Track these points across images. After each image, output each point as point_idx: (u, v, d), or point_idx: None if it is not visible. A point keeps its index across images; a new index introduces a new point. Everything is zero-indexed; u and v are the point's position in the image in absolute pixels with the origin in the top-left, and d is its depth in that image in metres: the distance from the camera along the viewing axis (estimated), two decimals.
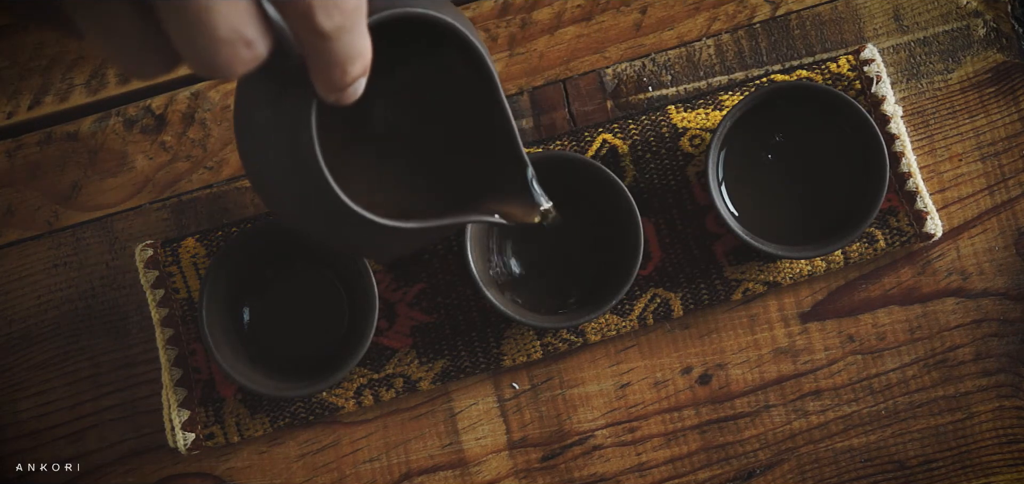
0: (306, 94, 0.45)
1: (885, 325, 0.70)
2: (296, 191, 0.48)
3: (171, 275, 0.69)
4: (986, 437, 0.70)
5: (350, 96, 0.43)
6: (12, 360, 0.70)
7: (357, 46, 0.40)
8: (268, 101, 0.47)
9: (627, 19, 0.73)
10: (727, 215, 0.67)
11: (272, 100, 0.47)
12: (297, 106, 0.46)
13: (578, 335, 0.69)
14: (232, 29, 0.36)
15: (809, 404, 0.70)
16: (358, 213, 0.48)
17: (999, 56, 0.72)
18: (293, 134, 0.46)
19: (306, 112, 0.45)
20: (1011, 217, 0.71)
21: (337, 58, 0.40)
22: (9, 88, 0.72)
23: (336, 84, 0.41)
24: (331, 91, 0.42)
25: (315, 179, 0.47)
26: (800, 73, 0.71)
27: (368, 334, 0.65)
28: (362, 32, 0.40)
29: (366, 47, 0.41)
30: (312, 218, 0.49)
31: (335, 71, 0.41)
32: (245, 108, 0.49)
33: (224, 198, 0.71)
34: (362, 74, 0.42)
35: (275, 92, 0.46)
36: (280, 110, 0.46)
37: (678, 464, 0.70)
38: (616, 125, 0.71)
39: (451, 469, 0.70)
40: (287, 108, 0.46)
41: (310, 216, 0.49)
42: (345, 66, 0.40)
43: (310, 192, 0.47)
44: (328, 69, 0.40)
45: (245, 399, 0.69)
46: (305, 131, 0.46)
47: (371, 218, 0.48)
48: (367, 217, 0.48)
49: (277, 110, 0.47)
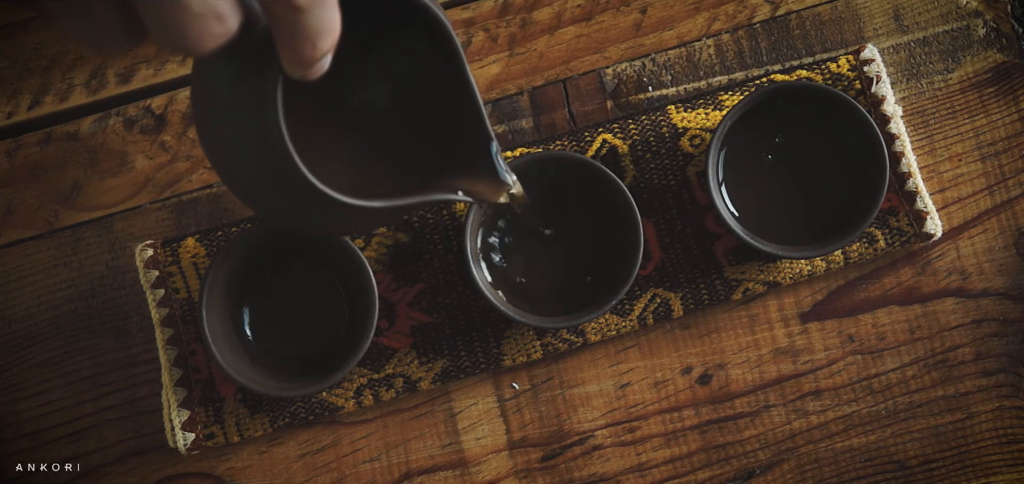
0: (272, 70, 0.44)
1: (885, 325, 0.70)
2: (261, 171, 0.47)
3: (171, 275, 0.69)
4: (986, 437, 0.70)
5: (317, 71, 0.42)
6: (12, 360, 0.70)
7: (327, 19, 0.39)
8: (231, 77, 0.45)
9: (627, 19, 0.73)
10: (727, 215, 0.67)
11: (235, 76, 0.45)
12: (262, 83, 0.44)
13: (578, 335, 0.69)
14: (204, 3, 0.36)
15: (809, 404, 0.70)
16: (325, 193, 0.47)
17: (999, 56, 0.72)
18: (258, 112, 0.45)
19: (272, 89, 0.44)
20: (1011, 217, 0.71)
21: (307, 31, 0.39)
22: (9, 88, 0.72)
23: (305, 59, 0.40)
24: (298, 66, 0.41)
25: (281, 158, 0.46)
26: (800, 73, 0.71)
27: (368, 334, 0.65)
28: (333, 5, 0.39)
29: (336, 21, 0.40)
30: (277, 199, 0.48)
31: (305, 45, 0.40)
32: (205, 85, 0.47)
33: (224, 198, 0.71)
34: (330, 49, 0.41)
35: (237, 68, 0.45)
36: (244, 87, 0.45)
37: (678, 464, 0.70)
38: (616, 125, 0.71)
39: (451, 469, 0.70)
40: (252, 85, 0.45)
41: (275, 197, 0.48)
42: (314, 40, 0.40)
43: (275, 172, 0.46)
44: (298, 43, 0.40)
45: (245, 399, 0.69)
46: (271, 108, 0.44)
47: (338, 197, 0.47)
48: (334, 197, 0.47)
49: (241, 87, 0.45)
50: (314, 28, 0.39)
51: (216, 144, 0.48)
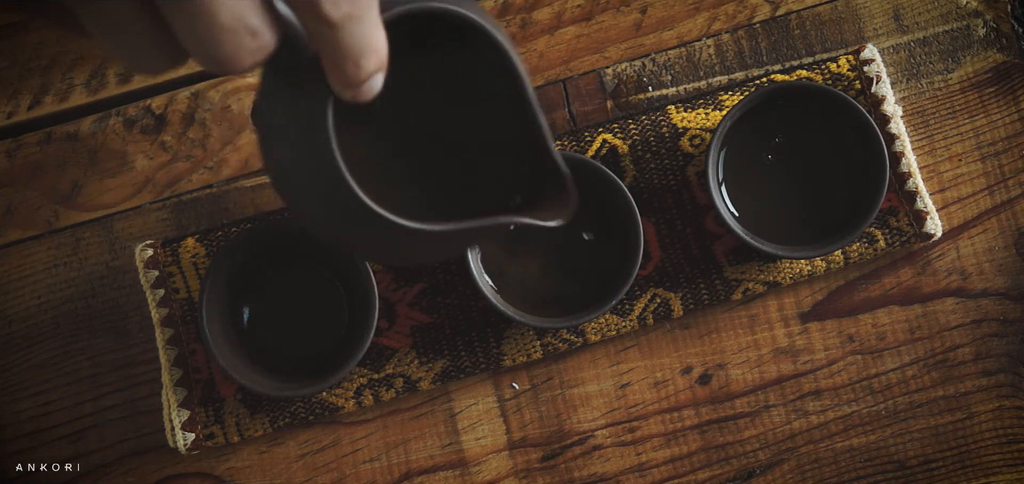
0: (322, 92, 0.43)
1: (885, 325, 0.70)
2: (318, 195, 0.45)
3: (171, 275, 0.69)
4: (986, 437, 0.70)
5: (366, 93, 0.41)
6: (12, 360, 0.70)
7: (368, 37, 0.39)
8: (285, 101, 0.45)
9: (627, 19, 0.73)
10: (727, 215, 0.67)
11: (289, 100, 0.44)
12: (313, 105, 0.43)
13: (578, 335, 0.69)
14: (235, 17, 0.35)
15: (809, 404, 0.70)
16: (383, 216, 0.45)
17: (999, 56, 0.72)
18: (310, 134, 0.44)
19: (322, 110, 0.43)
20: (1011, 217, 0.71)
21: (348, 50, 0.38)
22: (9, 88, 0.72)
23: (350, 79, 0.40)
24: (346, 87, 0.40)
25: (335, 182, 0.44)
26: (800, 73, 0.71)
27: (368, 334, 0.65)
28: (373, 23, 0.39)
29: (379, 40, 0.39)
30: (336, 223, 0.47)
31: (348, 65, 0.39)
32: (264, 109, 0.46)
33: (224, 198, 0.71)
34: (378, 69, 0.40)
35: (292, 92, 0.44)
36: (297, 110, 0.44)
37: (678, 464, 0.70)
38: (616, 125, 0.71)
39: (451, 469, 0.70)
40: (303, 108, 0.44)
41: (334, 221, 0.47)
42: (358, 60, 0.39)
43: (331, 195, 0.45)
44: (341, 63, 0.39)
45: (245, 399, 0.69)
46: (322, 131, 0.43)
47: (397, 221, 0.45)
48: (393, 220, 0.45)
49: (294, 110, 0.44)
50: (355, 46, 0.38)
51: (276, 169, 0.47)
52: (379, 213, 0.45)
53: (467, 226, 0.49)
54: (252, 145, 0.72)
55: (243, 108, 0.72)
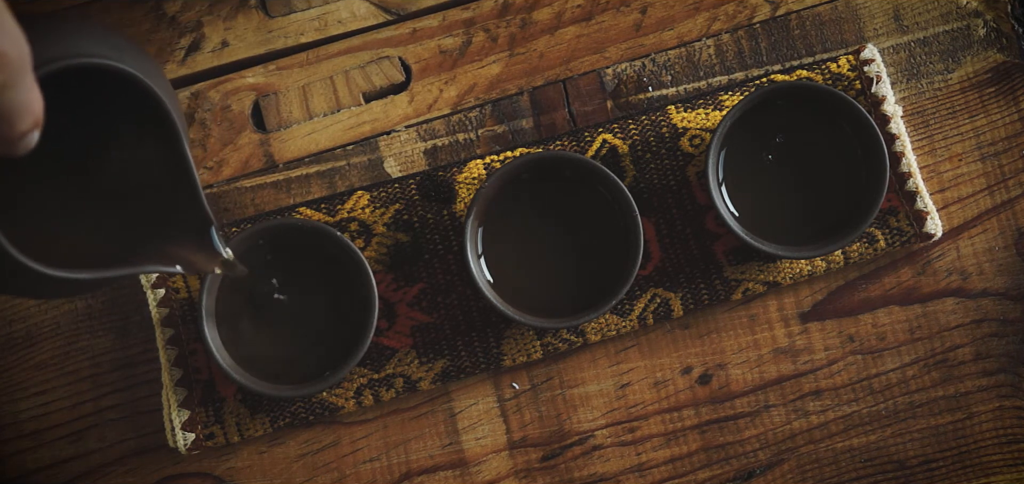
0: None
1: (885, 325, 0.70)
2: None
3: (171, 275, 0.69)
4: (986, 437, 0.70)
5: (21, 149, 0.43)
6: (12, 360, 0.70)
7: (21, 101, 0.41)
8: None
9: (627, 19, 0.73)
10: (727, 215, 0.67)
11: None
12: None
13: (578, 335, 0.69)
14: None
15: (809, 404, 0.70)
16: (25, 264, 0.48)
17: (999, 56, 0.72)
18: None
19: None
20: (1011, 217, 0.71)
21: (1, 114, 0.41)
22: None
23: (5, 138, 0.42)
24: (1, 145, 0.42)
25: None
26: (800, 73, 0.71)
27: (368, 334, 0.65)
28: (27, 86, 0.41)
29: (33, 100, 0.42)
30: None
31: (3, 126, 0.41)
32: None
33: (224, 198, 0.71)
34: (33, 127, 0.42)
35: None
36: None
37: (678, 464, 0.70)
38: (616, 125, 0.71)
39: (451, 469, 0.70)
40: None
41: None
42: (12, 121, 0.41)
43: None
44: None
45: (245, 399, 0.69)
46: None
47: (39, 269, 0.49)
48: (35, 268, 0.48)
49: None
50: (8, 110, 0.41)
51: None
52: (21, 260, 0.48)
53: (112, 274, 0.52)
54: (252, 145, 0.72)
55: (243, 108, 0.72)
